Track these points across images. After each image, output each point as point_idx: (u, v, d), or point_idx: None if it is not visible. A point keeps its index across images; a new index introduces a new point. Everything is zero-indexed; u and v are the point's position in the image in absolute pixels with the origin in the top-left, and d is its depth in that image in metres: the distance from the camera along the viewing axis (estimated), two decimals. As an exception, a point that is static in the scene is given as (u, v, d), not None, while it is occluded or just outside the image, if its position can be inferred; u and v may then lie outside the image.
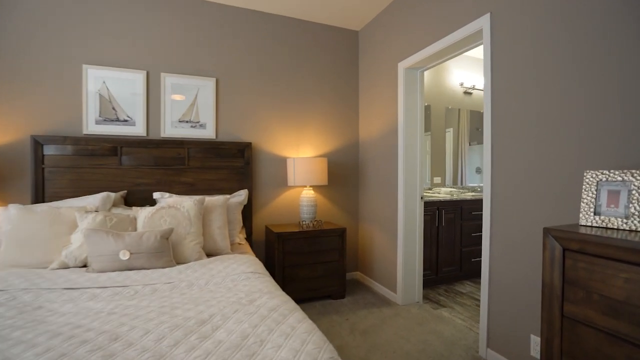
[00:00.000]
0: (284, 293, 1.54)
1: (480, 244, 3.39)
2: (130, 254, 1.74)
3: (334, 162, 3.32)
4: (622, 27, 1.32)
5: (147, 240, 1.79)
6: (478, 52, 3.86)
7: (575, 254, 1.10)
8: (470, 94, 4.00)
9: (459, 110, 3.92)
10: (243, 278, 1.74)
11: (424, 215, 3.02)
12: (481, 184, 4.12)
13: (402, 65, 2.68)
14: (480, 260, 3.40)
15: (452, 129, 3.91)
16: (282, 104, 3.11)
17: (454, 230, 3.24)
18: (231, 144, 2.84)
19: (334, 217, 3.33)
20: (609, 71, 1.37)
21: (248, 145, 2.89)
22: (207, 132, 2.84)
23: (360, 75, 3.39)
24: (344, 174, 3.37)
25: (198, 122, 2.81)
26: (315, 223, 2.87)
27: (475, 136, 4.06)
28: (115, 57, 2.55)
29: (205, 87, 2.82)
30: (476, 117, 4.05)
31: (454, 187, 3.93)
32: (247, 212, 2.90)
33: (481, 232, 3.39)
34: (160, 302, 1.33)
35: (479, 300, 2.81)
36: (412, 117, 2.72)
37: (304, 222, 2.86)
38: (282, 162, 3.11)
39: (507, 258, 1.82)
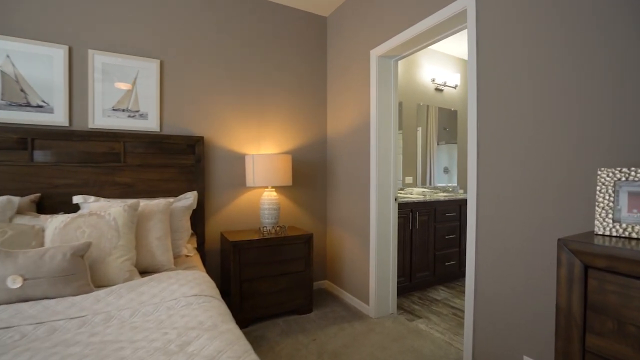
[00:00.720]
0: (233, 326, 1.19)
1: (454, 246, 3.24)
2: (24, 279, 1.29)
3: (299, 160, 3.00)
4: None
5: (51, 260, 1.36)
6: (450, 48, 3.73)
7: (602, 273, 0.87)
8: (441, 90, 3.87)
9: (428, 107, 3.75)
10: (183, 305, 1.37)
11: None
12: (450, 184, 4.00)
13: (374, 53, 2.42)
14: (454, 264, 3.26)
15: (421, 127, 3.74)
16: (241, 93, 2.73)
17: (428, 233, 3.05)
18: (179, 137, 2.42)
19: (300, 222, 3.01)
20: (619, 52, 1.17)
21: (199, 140, 2.49)
22: (149, 124, 2.39)
23: (328, 65, 3.10)
24: (311, 174, 3.06)
25: (137, 111, 2.35)
26: (278, 229, 2.53)
27: (444, 136, 3.93)
28: (23, 26, 2.03)
29: (147, 70, 2.37)
30: (445, 116, 3.92)
31: (426, 188, 3.77)
32: (199, 217, 2.49)
33: (455, 234, 3.24)
34: (43, 357, 0.93)
35: (455, 309, 2.63)
36: (385, 111, 2.47)
37: (265, 228, 2.50)
38: (240, 159, 2.73)
39: (497, 268, 1.61)
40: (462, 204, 3.30)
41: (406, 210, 2.87)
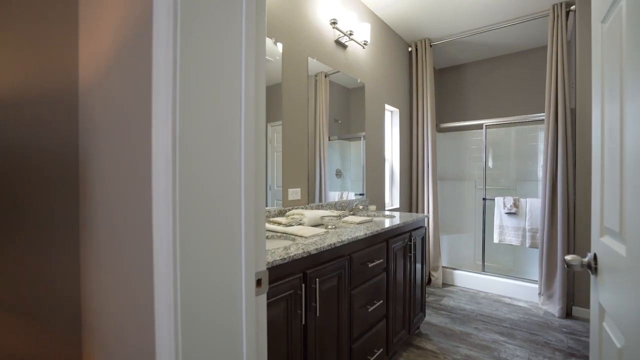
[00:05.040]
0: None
1: (379, 319, 1.75)
2: None
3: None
4: None
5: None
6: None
7: None
8: (345, 46, 2.40)
9: (316, 76, 2.20)
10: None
11: (268, 300, 1.08)
12: (353, 192, 2.57)
13: None
14: (381, 352, 1.75)
15: (311, 106, 2.18)
16: None
17: (338, 311, 1.46)
18: None
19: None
20: None
21: None
22: None
23: None
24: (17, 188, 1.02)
25: None
26: None
27: (335, 129, 2.44)
28: None
29: None
30: (339, 96, 2.45)
31: (327, 208, 2.22)
32: None
33: (381, 298, 1.76)
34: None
35: None
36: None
37: None
38: None
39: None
40: (389, 237, 1.85)
41: (293, 279, 1.19)
